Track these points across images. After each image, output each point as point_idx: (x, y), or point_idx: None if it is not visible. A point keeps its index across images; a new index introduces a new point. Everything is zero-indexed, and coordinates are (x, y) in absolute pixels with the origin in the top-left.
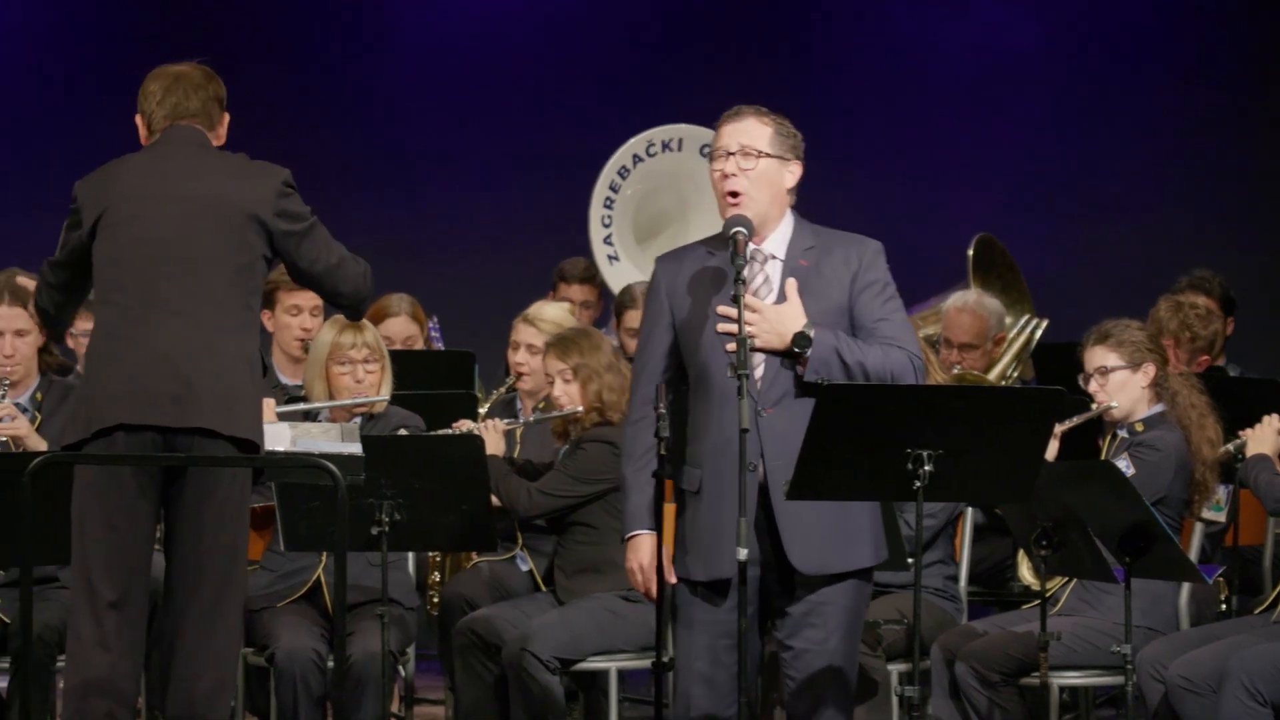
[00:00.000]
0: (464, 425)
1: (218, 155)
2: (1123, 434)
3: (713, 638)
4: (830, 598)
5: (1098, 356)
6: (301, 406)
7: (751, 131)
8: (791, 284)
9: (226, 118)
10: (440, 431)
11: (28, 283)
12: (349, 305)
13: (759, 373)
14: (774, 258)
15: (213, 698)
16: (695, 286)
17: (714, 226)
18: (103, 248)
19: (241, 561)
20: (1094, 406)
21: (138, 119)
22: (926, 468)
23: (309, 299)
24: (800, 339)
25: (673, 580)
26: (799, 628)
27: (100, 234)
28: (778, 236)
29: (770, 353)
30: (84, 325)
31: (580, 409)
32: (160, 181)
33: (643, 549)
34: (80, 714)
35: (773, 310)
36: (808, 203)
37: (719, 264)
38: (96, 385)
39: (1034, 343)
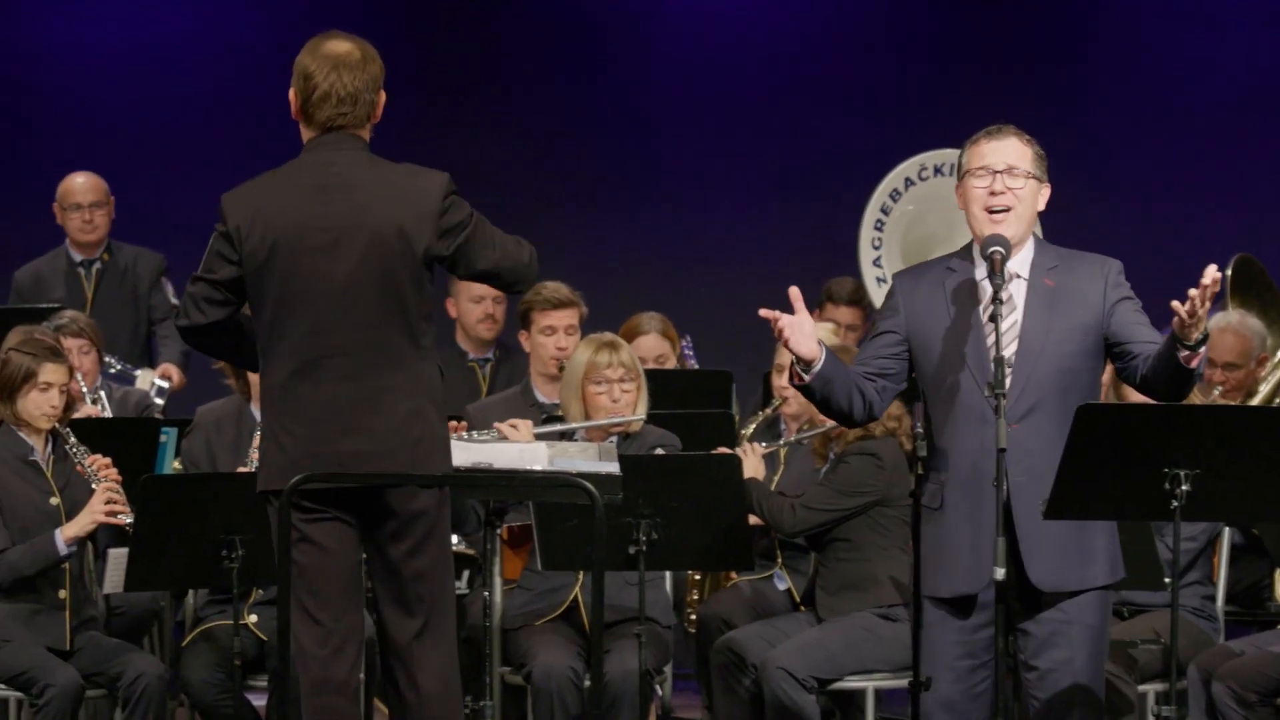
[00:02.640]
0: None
1: (375, 171)
2: None
3: (955, 657)
4: (1074, 616)
5: None
6: (558, 427)
7: (1017, 151)
8: None
9: (383, 97)
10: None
11: None
12: (512, 289)
13: (1005, 385)
14: (1018, 277)
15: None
16: (936, 303)
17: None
18: (262, 286)
19: (450, 579)
20: None
21: (292, 95)
22: (1184, 487)
23: (563, 319)
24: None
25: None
26: (1044, 648)
27: (262, 271)
28: (1022, 256)
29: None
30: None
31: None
32: (319, 210)
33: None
34: (316, 713)
35: None
36: (1064, 219)
37: (960, 280)
38: (283, 440)
39: None
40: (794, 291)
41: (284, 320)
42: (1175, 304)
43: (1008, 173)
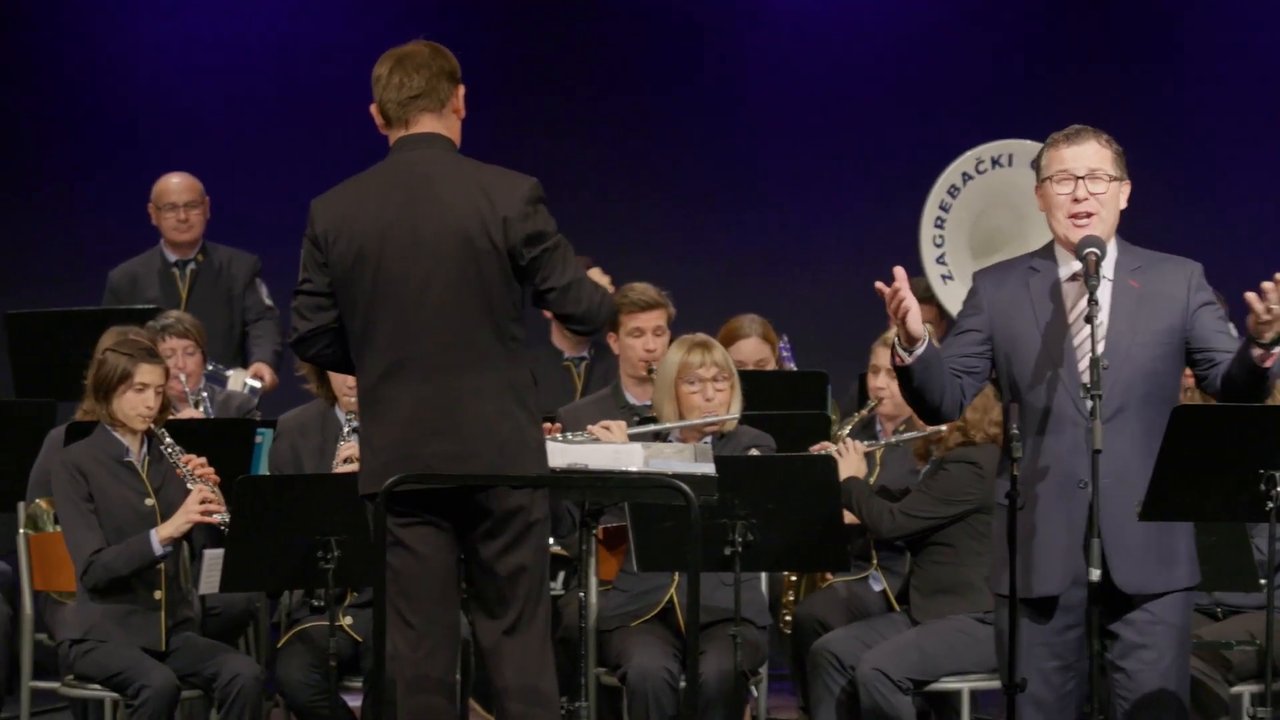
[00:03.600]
0: (824, 448)
1: (460, 171)
2: None
3: (1041, 659)
4: (1161, 617)
5: None
6: (652, 428)
7: (1098, 155)
8: None
9: (460, 90)
10: (799, 454)
11: None
12: (578, 326)
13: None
14: (1104, 278)
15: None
16: (1020, 302)
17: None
18: (352, 292)
19: (545, 579)
20: None
21: (373, 109)
22: (1279, 489)
23: (651, 320)
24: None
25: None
26: (1132, 649)
27: (349, 275)
28: (1106, 257)
29: None
30: None
31: (943, 428)
32: (404, 213)
33: None
34: (410, 713)
35: None
36: (1140, 217)
37: (1045, 280)
38: (376, 444)
39: None
40: (899, 271)
41: (373, 323)
42: (1250, 296)
43: (1090, 177)
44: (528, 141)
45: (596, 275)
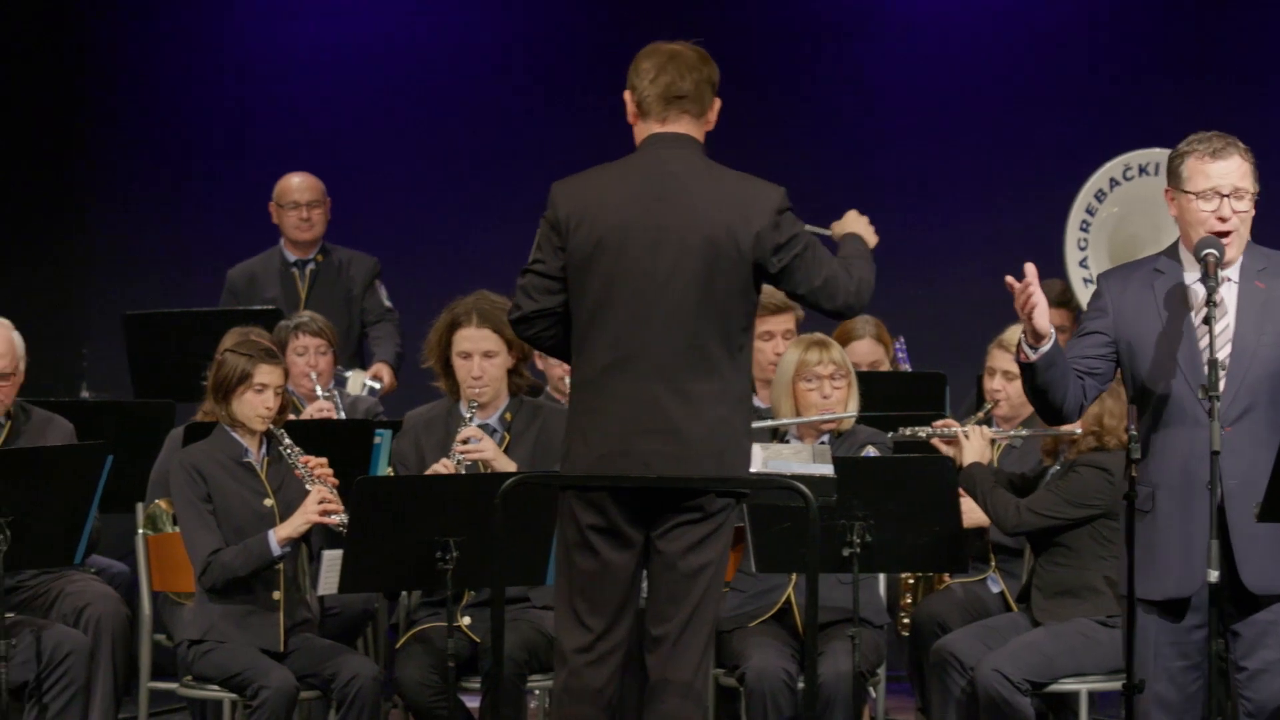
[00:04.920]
0: (949, 424)
1: (709, 175)
2: None
3: (1169, 659)
4: None
5: None
6: (769, 423)
7: (1241, 171)
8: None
9: (718, 103)
10: (917, 430)
11: (499, 304)
12: (842, 318)
13: (1219, 388)
14: (1229, 280)
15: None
16: (1145, 304)
17: None
18: (585, 280)
19: (719, 581)
20: None
21: (626, 95)
22: None
23: (780, 324)
24: None
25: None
26: (1254, 648)
27: (586, 262)
28: (1234, 261)
29: None
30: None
31: (1078, 430)
32: (650, 208)
33: None
34: (566, 717)
35: None
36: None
37: (1169, 282)
38: (590, 436)
39: None
40: (1030, 267)
41: (603, 315)
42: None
43: (1234, 195)
44: None
45: None
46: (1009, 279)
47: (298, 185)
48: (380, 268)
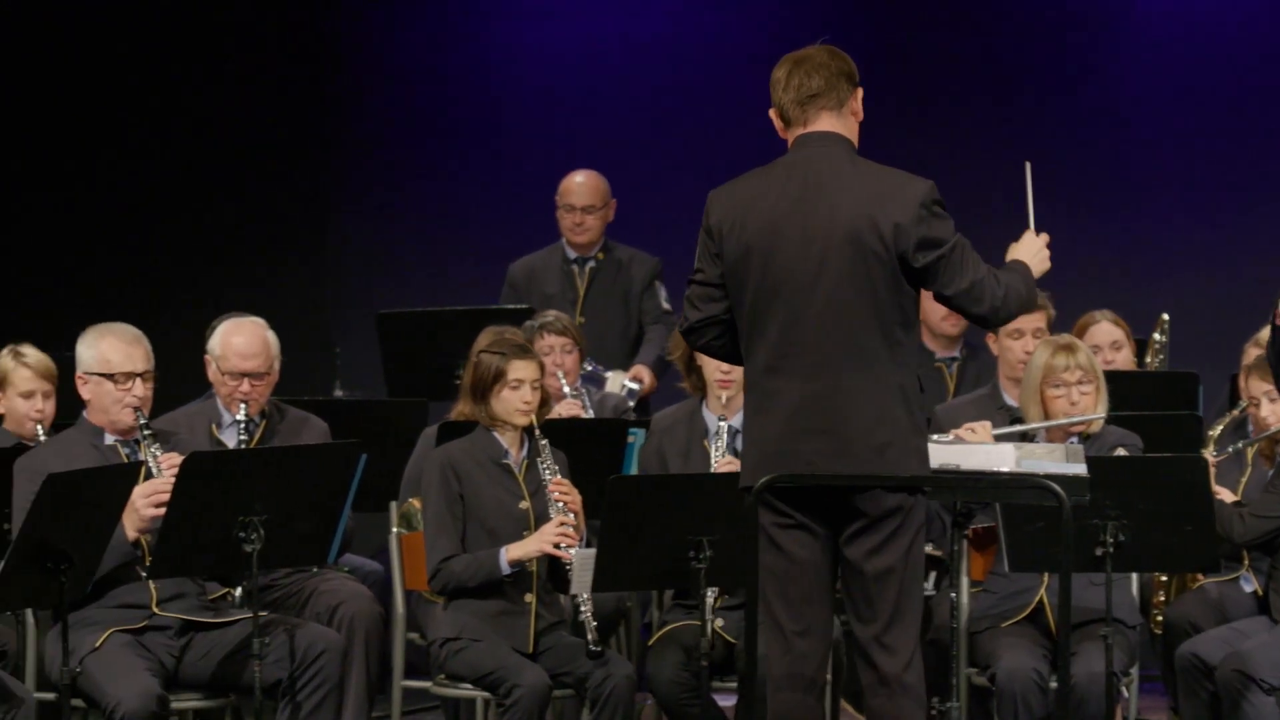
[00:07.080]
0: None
1: (854, 171)
2: None
3: None
4: None
5: None
6: (1017, 428)
7: None
8: None
9: (859, 92)
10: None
11: None
12: (980, 322)
13: None
14: None
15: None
16: None
17: None
18: (741, 285)
19: (917, 581)
20: None
21: (771, 113)
22: None
23: (1031, 322)
24: None
25: None
26: None
27: (739, 267)
28: None
29: None
30: None
31: None
32: (795, 208)
33: None
34: (779, 705)
35: None
36: None
37: None
38: (756, 436)
39: None
40: None
41: (761, 317)
42: None
43: None
44: (901, 147)
45: None
46: None
47: (576, 187)
48: (661, 268)
